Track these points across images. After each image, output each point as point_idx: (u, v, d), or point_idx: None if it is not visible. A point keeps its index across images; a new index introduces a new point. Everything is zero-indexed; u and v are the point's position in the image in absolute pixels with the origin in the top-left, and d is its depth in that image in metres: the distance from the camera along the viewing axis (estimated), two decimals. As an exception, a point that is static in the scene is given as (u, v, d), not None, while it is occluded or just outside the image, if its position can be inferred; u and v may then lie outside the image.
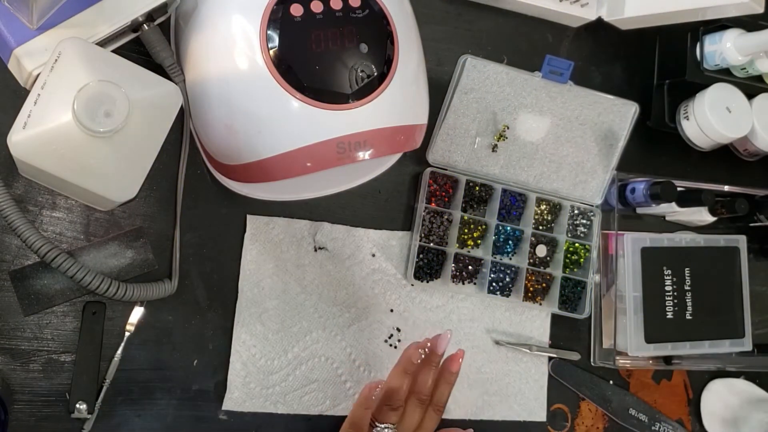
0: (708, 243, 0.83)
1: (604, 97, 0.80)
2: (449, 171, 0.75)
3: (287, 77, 0.57)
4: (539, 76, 0.77)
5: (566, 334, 0.80)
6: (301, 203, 0.71)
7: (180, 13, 0.64)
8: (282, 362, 0.69)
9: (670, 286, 0.80)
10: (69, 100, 0.49)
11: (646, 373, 0.83)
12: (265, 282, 0.69)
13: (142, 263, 0.65)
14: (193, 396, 0.67)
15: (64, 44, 0.52)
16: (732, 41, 0.78)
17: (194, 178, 0.68)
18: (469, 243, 0.76)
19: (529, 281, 0.77)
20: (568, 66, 0.76)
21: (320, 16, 0.58)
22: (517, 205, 0.78)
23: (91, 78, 0.50)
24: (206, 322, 0.68)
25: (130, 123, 0.50)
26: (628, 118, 0.81)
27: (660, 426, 0.81)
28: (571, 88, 0.79)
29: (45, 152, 0.51)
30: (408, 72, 0.62)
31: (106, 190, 0.53)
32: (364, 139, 0.59)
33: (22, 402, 0.62)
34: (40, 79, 0.51)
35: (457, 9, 0.80)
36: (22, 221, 0.54)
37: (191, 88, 0.63)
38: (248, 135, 0.59)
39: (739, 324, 0.83)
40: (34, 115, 0.50)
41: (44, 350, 0.63)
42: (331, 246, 0.72)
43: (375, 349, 0.73)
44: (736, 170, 0.89)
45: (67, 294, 0.63)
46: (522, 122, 0.77)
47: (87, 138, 0.50)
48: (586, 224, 0.80)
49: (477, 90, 0.76)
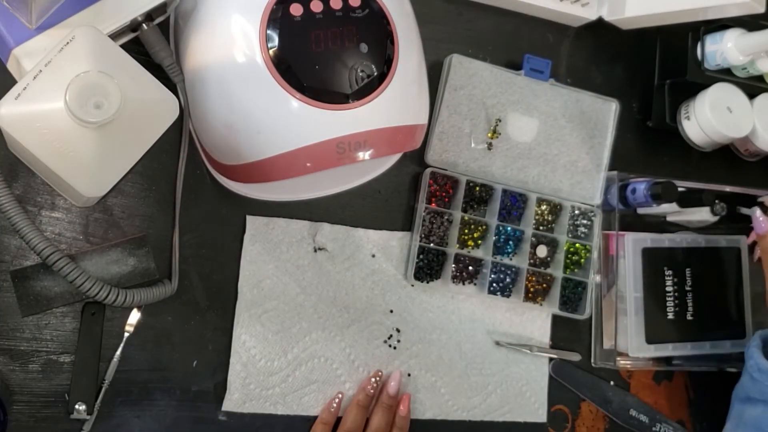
0: (709, 243, 0.83)
1: (585, 94, 0.80)
2: (449, 171, 0.75)
3: (287, 77, 0.56)
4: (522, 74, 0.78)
5: (567, 335, 0.80)
6: (301, 203, 0.71)
7: (179, 12, 0.64)
8: (282, 363, 0.69)
9: (671, 287, 0.80)
10: (65, 85, 0.49)
11: (646, 373, 0.83)
12: (264, 283, 0.69)
13: (143, 272, 0.65)
14: (192, 397, 0.66)
15: (79, 30, 0.52)
16: (733, 41, 0.78)
17: (194, 179, 0.68)
18: (469, 243, 0.76)
19: (529, 282, 0.77)
20: (547, 64, 0.78)
21: (320, 15, 0.57)
22: (517, 206, 0.78)
23: (92, 68, 0.50)
24: (206, 323, 0.67)
25: (119, 121, 0.50)
26: (611, 115, 0.81)
27: (661, 427, 0.81)
28: (552, 86, 0.79)
29: (30, 129, 0.50)
30: (408, 72, 0.61)
31: (76, 181, 0.52)
32: (364, 139, 0.58)
33: (21, 403, 0.61)
34: (46, 57, 0.51)
35: (457, 9, 0.79)
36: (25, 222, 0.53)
37: (191, 88, 0.63)
38: (248, 135, 0.59)
39: (740, 325, 0.83)
40: (30, 89, 0.50)
41: (43, 351, 0.62)
42: (331, 247, 0.72)
43: (375, 349, 0.72)
44: (737, 170, 0.89)
45: (67, 297, 0.63)
46: (512, 121, 0.78)
47: (73, 125, 0.50)
48: (587, 224, 0.80)
49: (465, 87, 0.76)
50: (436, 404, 0.74)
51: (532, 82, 0.79)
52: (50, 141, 0.51)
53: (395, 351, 0.73)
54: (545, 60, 0.78)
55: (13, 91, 0.50)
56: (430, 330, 0.75)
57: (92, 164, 0.52)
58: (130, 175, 0.58)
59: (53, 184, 0.63)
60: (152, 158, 0.66)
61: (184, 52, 0.62)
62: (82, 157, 0.52)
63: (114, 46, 0.54)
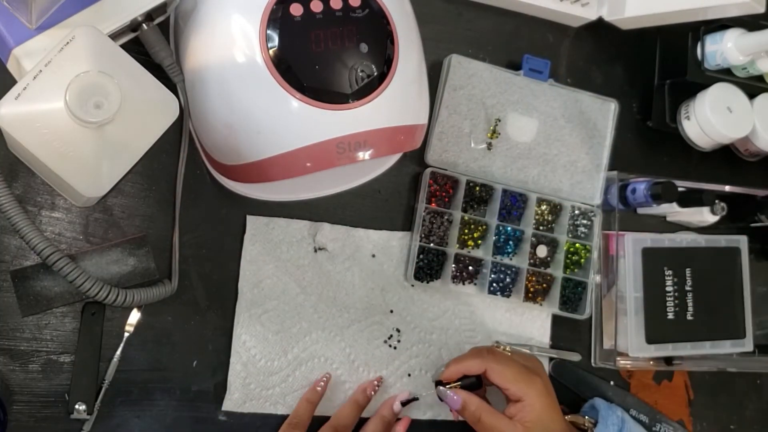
0: (709, 243, 0.83)
1: (584, 94, 0.80)
2: (449, 171, 0.75)
3: (287, 77, 0.56)
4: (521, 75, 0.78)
5: (567, 335, 0.80)
6: (301, 203, 0.71)
7: (179, 12, 0.64)
8: (282, 363, 0.69)
9: (671, 287, 0.80)
10: (65, 85, 0.49)
11: (646, 373, 0.83)
12: (264, 283, 0.69)
13: (143, 272, 0.65)
14: (192, 397, 0.66)
15: (79, 30, 0.52)
16: (733, 41, 0.78)
17: (194, 178, 0.68)
18: (469, 243, 0.76)
19: (529, 282, 0.77)
20: (546, 64, 0.78)
21: (320, 15, 0.57)
22: (517, 206, 0.78)
23: (92, 68, 0.50)
24: (206, 323, 0.67)
25: (119, 121, 0.50)
26: (610, 115, 0.81)
27: (661, 427, 0.81)
28: (552, 86, 0.79)
29: (30, 129, 0.50)
30: (408, 72, 0.61)
31: (76, 181, 0.52)
32: (364, 139, 0.58)
33: (21, 403, 0.61)
34: (46, 58, 0.51)
35: (457, 9, 0.79)
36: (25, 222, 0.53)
37: (190, 87, 0.63)
38: (248, 135, 0.59)
39: (740, 325, 0.83)
40: (30, 89, 0.50)
41: (43, 351, 0.62)
42: (331, 247, 0.72)
43: (375, 350, 0.72)
44: (737, 170, 0.89)
45: (66, 297, 0.63)
46: (512, 122, 0.78)
47: (73, 125, 0.50)
48: (587, 224, 0.80)
49: (465, 87, 0.76)
50: (436, 404, 0.74)
51: (532, 83, 0.79)
52: (50, 141, 0.51)
53: (395, 351, 0.73)
54: (544, 60, 0.79)
55: (13, 91, 0.50)
56: (430, 330, 0.75)
57: (92, 164, 0.52)
58: (130, 175, 0.58)
59: (53, 184, 0.63)
60: (152, 158, 0.66)
61: (184, 52, 0.62)
62: (82, 157, 0.52)
63: (114, 46, 0.54)
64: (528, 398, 0.64)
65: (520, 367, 0.66)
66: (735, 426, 0.87)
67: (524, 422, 0.64)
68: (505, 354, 0.69)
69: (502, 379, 0.65)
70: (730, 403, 0.87)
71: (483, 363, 0.66)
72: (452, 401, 0.67)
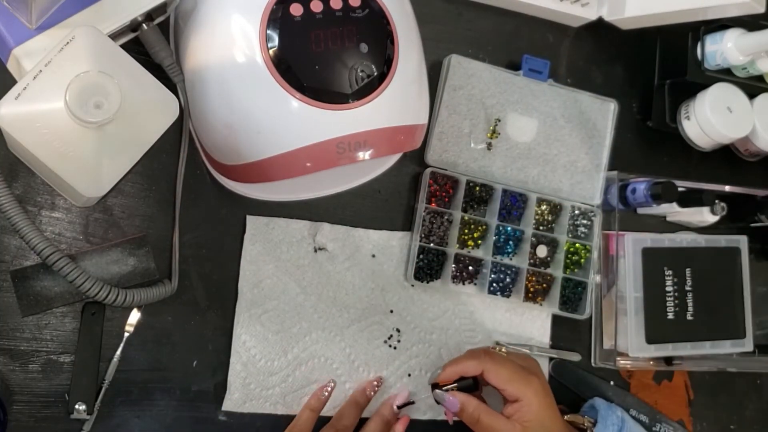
0: (709, 243, 0.83)
1: (584, 94, 0.80)
2: (449, 171, 0.75)
3: (287, 77, 0.56)
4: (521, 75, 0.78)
5: (567, 335, 0.80)
6: (300, 203, 0.71)
7: (179, 12, 0.64)
8: (282, 363, 0.69)
9: (671, 287, 0.80)
10: (65, 85, 0.49)
11: (646, 373, 0.83)
12: (264, 283, 0.69)
13: (143, 272, 0.65)
14: (192, 397, 0.66)
15: (79, 30, 0.52)
16: (733, 41, 0.78)
17: (194, 179, 0.68)
18: (469, 243, 0.76)
19: (529, 282, 0.77)
20: (545, 65, 0.78)
21: (320, 15, 0.57)
22: (517, 206, 0.78)
23: (92, 68, 0.50)
24: (206, 323, 0.67)
25: (119, 121, 0.50)
26: (609, 115, 0.81)
27: (661, 427, 0.81)
28: (551, 86, 0.79)
29: (30, 129, 0.50)
30: (408, 72, 0.61)
31: (76, 181, 0.52)
32: (364, 139, 0.58)
33: (21, 403, 0.61)
34: (46, 58, 0.51)
35: (457, 9, 0.79)
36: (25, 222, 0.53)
37: (190, 87, 0.63)
38: (248, 135, 0.59)
39: (740, 324, 0.83)
40: (30, 89, 0.50)
41: (43, 351, 0.62)
42: (331, 247, 0.72)
43: (375, 350, 0.72)
44: (737, 170, 0.89)
45: (66, 297, 0.63)
46: (512, 122, 0.78)
47: (73, 125, 0.50)
48: (587, 224, 0.80)
49: (465, 87, 0.76)
50: (435, 404, 0.74)
51: (531, 83, 0.79)
52: (50, 141, 0.51)
53: (395, 351, 0.73)
54: (544, 60, 0.79)
55: (13, 91, 0.50)
56: (430, 330, 0.75)
57: (92, 164, 0.52)
58: (130, 175, 0.58)
59: (53, 184, 0.63)
60: (152, 158, 0.66)
61: (184, 52, 0.62)
62: (82, 157, 0.52)
63: (114, 46, 0.54)
64: (525, 398, 0.64)
65: (516, 368, 0.66)
66: (735, 426, 0.87)
67: (522, 422, 0.64)
68: (502, 355, 0.69)
69: (499, 380, 0.65)
70: (730, 403, 0.87)
71: (480, 364, 0.66)
72: (450, 404, 0.67)
